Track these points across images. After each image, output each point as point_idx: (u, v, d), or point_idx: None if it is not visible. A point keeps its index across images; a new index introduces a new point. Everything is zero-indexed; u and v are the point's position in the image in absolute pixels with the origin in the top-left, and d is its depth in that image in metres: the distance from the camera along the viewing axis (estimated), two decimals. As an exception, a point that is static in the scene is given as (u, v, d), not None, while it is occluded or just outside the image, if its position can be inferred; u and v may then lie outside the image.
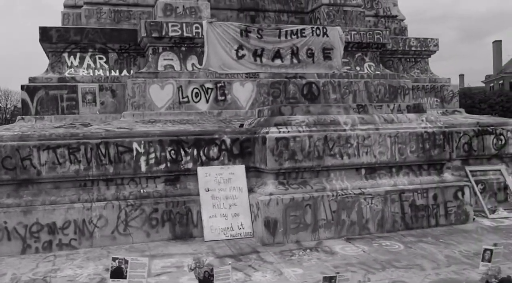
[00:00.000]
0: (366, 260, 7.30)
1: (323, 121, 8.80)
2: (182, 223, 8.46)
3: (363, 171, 8.94)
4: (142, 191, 8.47)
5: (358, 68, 13.40)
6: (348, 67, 13.27)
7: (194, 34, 11.81)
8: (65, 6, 13.25)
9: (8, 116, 74.31)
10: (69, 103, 11.45)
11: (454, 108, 14.74)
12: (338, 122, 8.88)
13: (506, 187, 10.36)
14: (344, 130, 8.79)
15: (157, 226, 8.32)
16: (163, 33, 11.58)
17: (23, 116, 11.14)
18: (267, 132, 8.48)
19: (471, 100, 64.59)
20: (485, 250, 6.17)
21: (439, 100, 14.68)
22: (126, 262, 5.18)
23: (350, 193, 8.52)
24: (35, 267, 7.23)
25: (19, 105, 21.26)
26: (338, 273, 5.62)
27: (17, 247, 7.75)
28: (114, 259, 5.18)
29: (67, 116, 11.28)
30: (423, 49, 15.13)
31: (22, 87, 11.43)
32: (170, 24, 11.67)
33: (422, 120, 9.38)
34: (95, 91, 11.69)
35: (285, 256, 7.54)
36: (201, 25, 11.83)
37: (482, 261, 6.11)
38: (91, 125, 10.04)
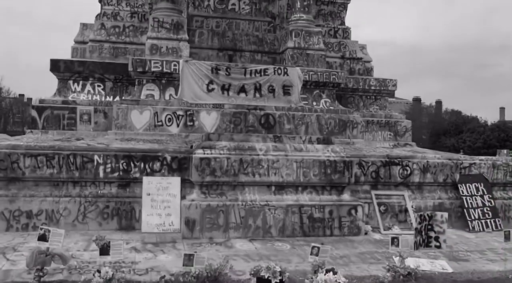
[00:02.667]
0: (251, 253, 9.72)
1: (242, 146, 11.35)
2: (127, 218, 11.17)
3: (273, 188, 11.40)
4: (99, 192, 11.25)
5: (315, 103, 15.76)
6: (306, 102, 15.64)
7: (172, 70, 14.57)
8: (75, 41, 16.41)
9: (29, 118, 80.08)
10: (69, 121, 14.45)
11: (406, 142, 16.83)
12: (255, 148, 11.41)
13: (406, 210, 12.50)
14: (258, 154, 11.31)
15: (108, 218, 11.06)
16: (147, 68, 14.42)
17: (32, 130, 14.19)
18: (194, 153, 11.11)
19: (505, 134, 64.28)
20: (313, 247, 8.50)
21: (392, 134, 16.80)
22: (49, 231, 7.84)
23: (257, 204, 11.01)
24: (11, 239, 10.08)
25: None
26: (195, 252, 8.10)
27: (2, 226, 10.64)
28: (41, 229, 7.86)
29: (66, 131, 14.26)
30: (382, 88, 17.35)
31: (33, 106, 14.56)
32: (152, 61, 14.50)
33: (328, 150, 11.76)
34: (91, 113, 14.65)
35: (193, 246, 10.08)
36: (178, 63, 14.56)
37: (311, 255, 8.44)
38: (83, 139, 12.95)
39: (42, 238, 7.79)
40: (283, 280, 7.02)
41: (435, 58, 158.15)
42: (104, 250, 8.12)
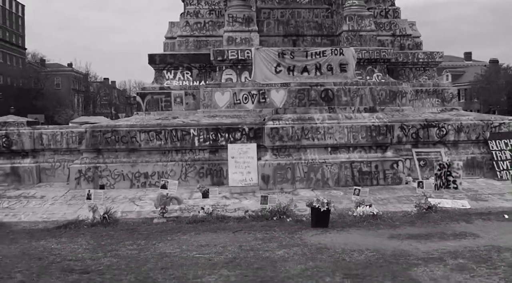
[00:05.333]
0: (311, 198, 12.84)
1: (303, 117, 14.44)
2: (217, 176, 14.63)
3: (329, 149, 14.43)
4: (195, 157, 14.78)
5: (368, 78, 18.40)
6: (360, 77, 18.32)
7: (246, 57, 17.71)
8: (166, 37, 19.97)
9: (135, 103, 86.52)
10: (166, 103, 18.03)
11: (452, 106, 19.13)
12: (313, 118, 14.46)
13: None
14: (316, 123, 14.36)
15: (203, 177, 14.57)
16: (225, 57, 17.66)
17: (138, 112, 17.93)
18: (266, 124, 14.33)
19: None
20: (355, 189, 11.50)
21: (440, 100, 19.12)
22: (168, 182, 11.32)
23: (317, 162, 14.11)
24: (135, 193, 13.81)
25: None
26: (266, 196, 11.34)
27: (127, 184, 14.43)
28: (162, 180, 11.39)
29: (164, 112, 17.83)
30: (430, 60, 19.63)
31: (137, 93, 18.31)
32: (229, 51, 17.71)
33: (373, 117, 14.59)
34: (182, 96, 18.16)
35: (268, 194, 13.34)
36: (250, 51, 17.70)
37: (353, 195, 11.46)
38: (178, 118, 16.51)
39: (163, 186, 11.32)
40: (329, 209, 10.08)
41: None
42: (205, 194, 11.58)
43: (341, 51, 17.98)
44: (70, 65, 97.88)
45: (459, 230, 9.68)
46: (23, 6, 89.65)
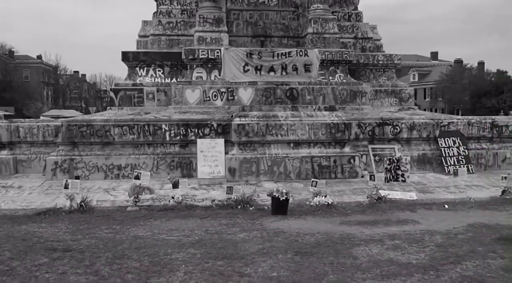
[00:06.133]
0: (273, 188, 13.91)
1: (268, 115, 15.52)
2: (187, 169, 15.60)
3: (291, 144, 15.54)
4: (166, 150, 15.71)
5: (331, 78, 19.57)
6: (323, 77, 19.47)
7: (215, 56, 18.66)
8: (139, 35, 20.77)
9: (108, 98, 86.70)
10: (138, 99, 18.86)
11: (409, 106, 20.46)
12: (277, 115, 15.55)
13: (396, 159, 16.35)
14: (280, 120, 15.44)
15: (173, 169, 15.51)
16: (196, 56, 18.59)
17: (111, 107, 18.72)
18: (233, 121, 15.35)
19: None
20: (312, 181, 12.61)
21: (397, 100, 20.43)
22: (141, 173, 12.24)
23: (280, 156, 15.20)
24: (109, 184, 14.66)
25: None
26: (231, 187, 12.36)
27: (101, 176, 15.28)
28: (135, 172, 12.31)
29: (136, 107, 18.67)
30: (389, 62, 20.94)
31: (111, 89, 19.09)
32: (200, 50, 18.63)
33: (332, 116, 15.75)
34: (154, 92, 19.01)
35: (234, 185, 14.36)
36: (220, 51, 18.66)
37: (311, 186, 12.57)
38: (150, 113, 17.38)
39: (137, 177, 12.24)
40: (287, 198, 11.16)
41: (496, 14, 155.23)
42: (175, 185, 12.54)
43: (305, 52, 19.09)
44: (39, 57, 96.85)
45: (403, 218, 10.87)
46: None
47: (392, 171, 13.42)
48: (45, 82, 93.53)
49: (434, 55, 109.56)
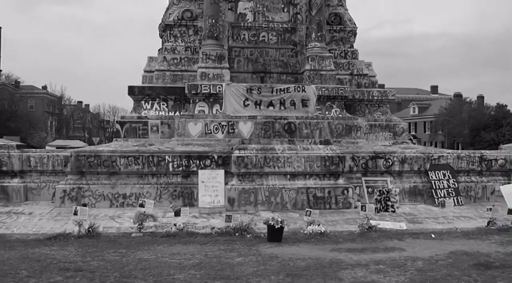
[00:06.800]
0: (269, 217, 14.67)
1: (266, 148, 16.40)
2: (189, 198, 16.39)
3: (288, 176, 16.38)
4: (169, 180, 16.54)
5: (327, 112, 20.48)
6: (320, 112, 20.39)
7: (217, 91, 19.64)
8: (145, 71, 21.82)
9: (114, 129, 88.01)
10: (143, 131, 19.77)
11: (403, 140, 21.31)
12: (274, 148, 16.43)
13: (388, 191, 17.13)
14: (277, 153, 16.32)
15: (176, 198, 16.31)
16: (198, 91, 19.57)
17: (117, 138, 19.62)
18: (233, 153, 16.22)
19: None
20: (307, 211, 13.38)
21: (392, 134, 21.28)
22: (145, 201, 13.04)
23: (277, 187, 16.01)
24: (114, 212, 15.44)
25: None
26: (230, 215, 13.13)
27: (107, 204, 16.07)
28: (140, 200, 13.11)
29: (141, 139, 19.56)
30: (383, 98, 21.89)
31: (117, 121, 20.04)
32: (203, 85, 19.64)
33: (327, 149, 16.62)
34: (158, 125, 19.94)
35: (233, 214, 15.12)
36: (222, 86, 19.65)
37: (305, 216, 13.33)
38: (154, 145, 18.27)
39: (141, 205, 13.04)
40: (282, 226, 11.92)
41: (496, 49, 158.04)
42: (177, 213, 13.34)
43: (303, 88, 20.08)
44: (44, 87, 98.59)
45: (390, 246, 11.60)
46: (0, 28, 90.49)
47: (382, 202, 14.23)
48: (49, 112, 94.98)
49: (434, 89, 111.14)
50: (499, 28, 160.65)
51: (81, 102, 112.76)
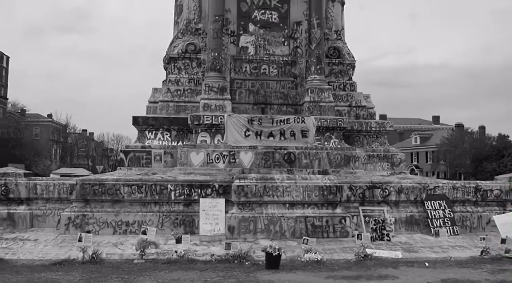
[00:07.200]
0: (268, 245, 15.05)
1: (265, 177, 16.89)
2: (190, 226, 16.82)
3: (287, 204, 16.82)
4: (171, 208, 17.00)
5: (326, 143, 21.00)
6: (319, 142, 20.91)
7: (219, 122, 20.22)
8: (149, 101, 22.47)
9: (118, 158, 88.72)
10: (146, 160, 20.30)
11: (400, 170, 21.76)
12: (274, 178, 16.92)
13: (384, 220, 17.51)
14: (276, 182, 16.80)
15: (177, 226, 16.74)
16: (201, 121, 20.16)
17: (121, 167, 20.15)
18: (233, 182, 16.71)
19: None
20: (304, 239, 13.79)
21: (389, 164, 21.73)
22: (147, 229, 13.48)
23: (276, 216, 16.44)
24: (117, 239, 15.85)
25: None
26: (229, 243, 13.53)
27: (110, 231, 16.50)
28: (143, 227, 13.55)
29: (144, 168, 20.07)
30: (381, 129, 22.42)
31: (121, 151, 20.60)
32: (205, 116, 20.23)
33: (325, 179, 17.10)
34: (161, 154, 20.47)
35: (233, 242, 15.53)
36: (223, 117, 20.23)
37: (302, 244, 13.73)
38: (157, 174, 18.78)
39: (144, 232, 13.49)
40: (280, 254, 12.33)
41: (498, 80, 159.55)
42: (178, 240, 13.76)
43: (302, 119, 20.64)
44: (50, 116, 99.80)
45: (384, 273, 11.98)
46: (7, 57, 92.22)
47: (378, 231, 14.64)
48: (54, 140, 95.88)
49: (436, 119, 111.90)
50: (502, 59, 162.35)
51: (86, 130, 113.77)
